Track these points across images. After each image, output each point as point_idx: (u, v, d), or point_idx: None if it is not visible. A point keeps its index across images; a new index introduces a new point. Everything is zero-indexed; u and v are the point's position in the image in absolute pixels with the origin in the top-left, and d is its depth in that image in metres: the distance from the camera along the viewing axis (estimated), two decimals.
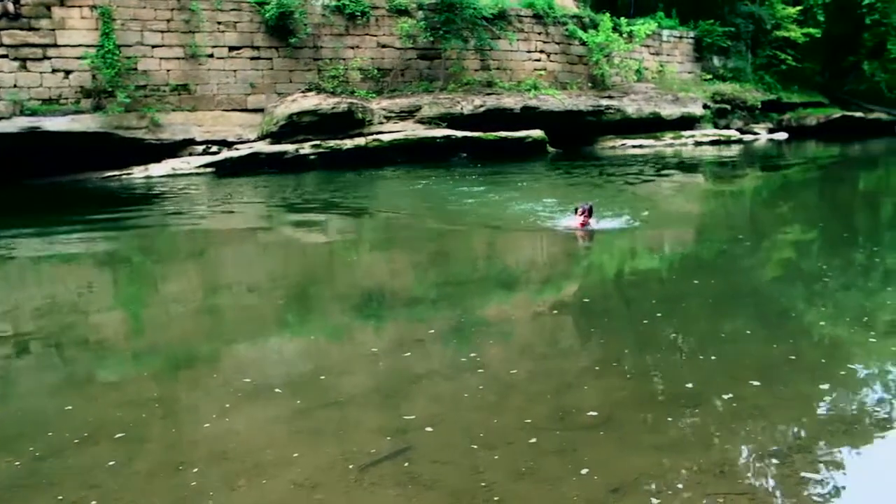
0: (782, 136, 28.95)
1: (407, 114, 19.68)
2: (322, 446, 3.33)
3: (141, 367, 4.58)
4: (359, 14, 20.14)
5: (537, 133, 20.73)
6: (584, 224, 8.44)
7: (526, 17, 23.39)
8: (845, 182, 15.13)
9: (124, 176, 16.14)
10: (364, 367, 4.42)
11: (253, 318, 5.69)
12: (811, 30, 32.34)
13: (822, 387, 3.85)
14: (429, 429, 3.43)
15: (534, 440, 3.26)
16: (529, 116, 21.13)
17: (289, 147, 17.69)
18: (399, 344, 4.77)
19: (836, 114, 32.13)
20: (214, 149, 17.71)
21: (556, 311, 5.66)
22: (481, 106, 20.46)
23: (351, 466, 3.08)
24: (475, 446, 3.23)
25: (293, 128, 17.91)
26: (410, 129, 19.23)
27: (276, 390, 3.99)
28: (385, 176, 16.32)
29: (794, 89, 33.85)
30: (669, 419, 3.46)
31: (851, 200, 11.43)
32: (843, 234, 8.45)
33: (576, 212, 8.65)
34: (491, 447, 3.23)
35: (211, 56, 18.24)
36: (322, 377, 4.22)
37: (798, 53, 32.90)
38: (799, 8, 32.37)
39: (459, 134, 19.41)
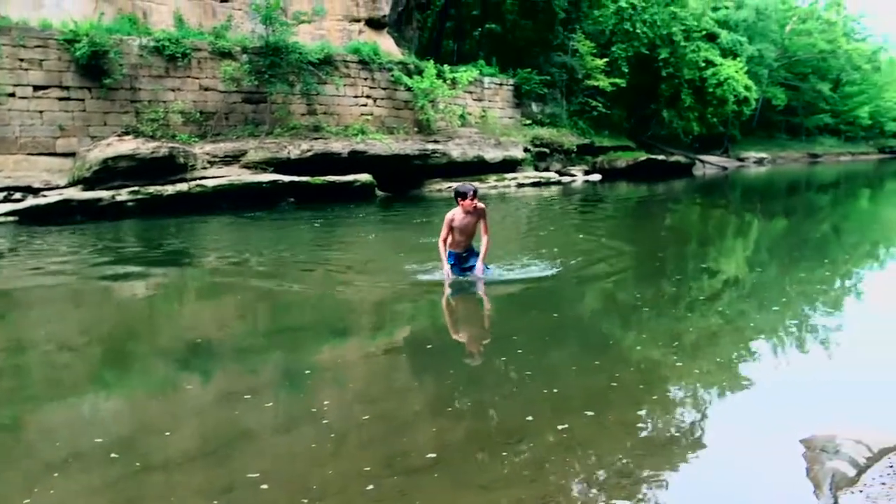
0: (596, 177, 30.93)
1: (232, 158, 19.19)
2: None
3: None
4: (179, 56, 19.53)
5: (365, 177, 20.88)
6: (473, 207, 7.59)
7: (352, 62, 23.67)
8: (653, 218, 16.35)
9: None
10: (190, 425, 4.17)
11: (65, 378, 5.24)
12: (617, 80, 35.16)
13: (639, 412, 4.08)
14: (263, 486, 3.27)
15: (369, 488, 3.20)
16: (357, 161, 21.26)
17: (104, 194, 16.65)
18: (228, 397, 4.55)
19: (643, 157, 34.93)
20: (18, 195, 16.36)
21: (390, 356, 5.64)
22: (308, 150, 20.34)
23: None
24: (306, 500, 3.12)
25: (109, 173, 16.91)
26: (235, 175, 18.74)
27: (92, 457, 3.67)
28: (209, 223, 15.74)
29: (605, 134, 36.50)
30: (504, 454, 3.52)
31: (658, 234, 12.36)
32: (655, 265, 9.08)
33: (460, 198, 7.65)
34: (323, 499, 3.13)
35: (12, 95, 16.96)
36: (144, 438, 3.94)
37: (607, 101, 35.63)
38: (606, 60, 35.10)
39: (286, 179, 19.15)
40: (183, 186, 17.72)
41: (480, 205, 7.76)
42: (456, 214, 7.69)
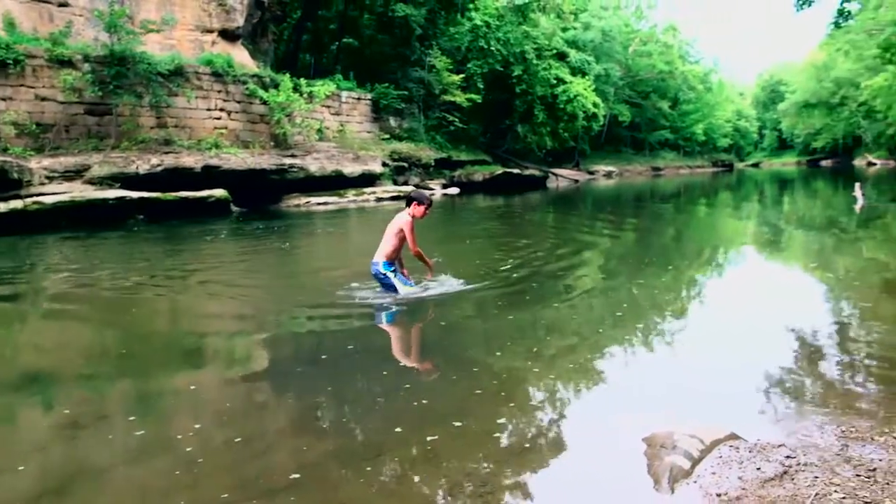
0: (455, 190, 31.50)
1: (74, 174, 18.10)
2: None
3: None
4: (10, 62, 18.22)
5: (220, 192, 20.30)
6: (424, 214, 7.47)
7: (204, 74, 22.96)
8: (513, 229, 16.80)
9: None
10: (27, 461, 3.84)
11: None
12: (473, 96, 36.07)
13: (500, 420, 4.15)
14: None
15: None
16: (212, 175, 20.64)
17: None
18: (73, 428, 4.23)
19: (499, 170, 35.96)
20: None
21: (254, 376, 5.45)
22: (159, 165, 19.52)
23: None
24: None
25: None
26: (78, 191, 17.68)
27: None
28: (48, 242, 14.73)
29: (462, 148, 37.30)
30: (368, 469, 3.47)
31: (518, 244, 12.69)
32: (512, 276, 9.30)
33: (417, 202, 7.42)
34: None
35: None
36: None
37: (464, 116, 36.45)
38: (462, 76, 35.91)
39: (135, 195, 18.26)
40: (17, 203, 16.49)
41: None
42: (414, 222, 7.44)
